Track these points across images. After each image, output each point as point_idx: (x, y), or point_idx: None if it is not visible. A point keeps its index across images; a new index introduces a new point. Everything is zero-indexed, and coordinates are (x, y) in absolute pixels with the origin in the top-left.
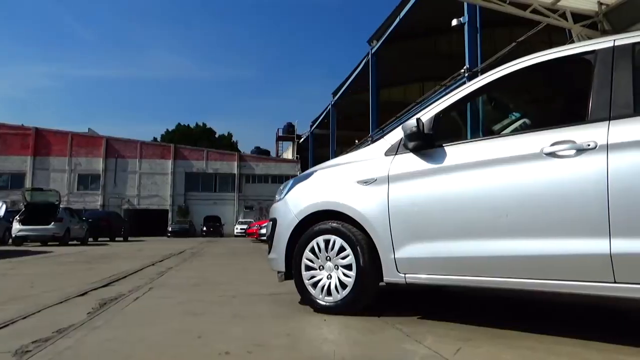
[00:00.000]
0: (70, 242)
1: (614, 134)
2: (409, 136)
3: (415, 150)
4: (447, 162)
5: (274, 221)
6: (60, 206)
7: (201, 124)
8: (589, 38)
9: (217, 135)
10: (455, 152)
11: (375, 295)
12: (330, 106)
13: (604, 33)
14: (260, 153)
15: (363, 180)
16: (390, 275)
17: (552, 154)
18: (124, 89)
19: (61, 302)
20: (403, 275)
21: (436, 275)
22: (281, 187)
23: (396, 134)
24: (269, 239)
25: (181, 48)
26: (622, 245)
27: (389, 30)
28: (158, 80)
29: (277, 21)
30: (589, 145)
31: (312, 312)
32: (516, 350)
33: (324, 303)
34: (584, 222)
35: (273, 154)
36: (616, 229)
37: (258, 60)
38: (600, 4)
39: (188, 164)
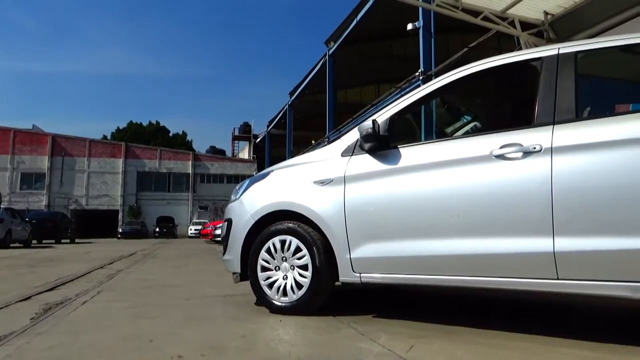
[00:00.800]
0: (12, 245)
1: (558, 138)
2: (365, 137)
3: (371, 151)
4: (402, 163)
5: (230, 221)
6: (1, 206)
7: (154, 122)
8: (536, 46)
9: (171, 134)
10: (409, 154)
11: (330, 295)
12: (287, 106)
13: (549, 41)
14: (216, 152)
15: (319, 180)
16: (345, 275)
17: (501, 156)
18: (72, 85)
19: (1, 308)
20: (358, 274)
21: (390, 274)
22: (237, 187)
23: (352, 135)
24: (224, 240)
25: (136, 44)
26: (565, 243)
27: (346, 32)
28: (109, 76)
29: (235, 19)
30: (534, 148)
31: (268, 313)
32: (468, 346)
33: (279, 304)
34: (530, 222)
35: (229, 153)
36: (559, 228)
37: (215, 58)
38: (546, 14)
39: (140, 163)
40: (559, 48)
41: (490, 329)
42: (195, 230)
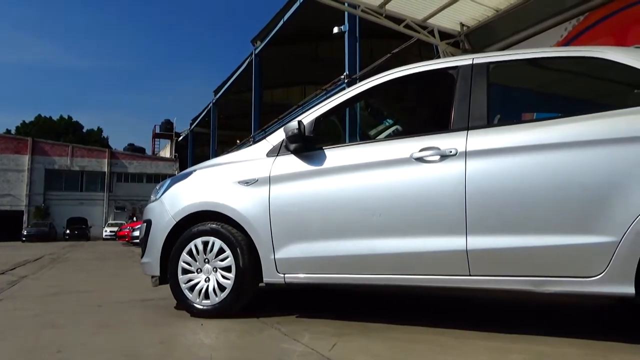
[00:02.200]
0: None
1: (471, 143)
2: (291, 138)
3: (296, 152)
4: (327, 164)
5: (149, 222)
6: None
7: (66, 117)
8: (453, 55)
9: (85, 130)
10: (334, 155)
11: (253, 296)
12: (211, 104)
13: (465, 51)
14: (135, 151)
15: (244, 180)
16: (269, 276)
17: (420, 159)
18: None
19: None
20: (282, 275)
21: (314, 274)
22: (157, 187)
23: (278, 136)
24: (143, 242)
25: (47, 31)
26: (476, 241)
27: (273, 32)
28: (15, 65)
29: (160, 10)
30: (451, 151)
31: (188, 317)
32: (386, 342)
33: (201, 307)
34: (445, 221)
35: (149, 152)
36: (472, 227)
37: (136, 52)
38: (462, 25)
39: (49, 160)
40: (473, 58)
41: (407, 325)
42: (110, 232)
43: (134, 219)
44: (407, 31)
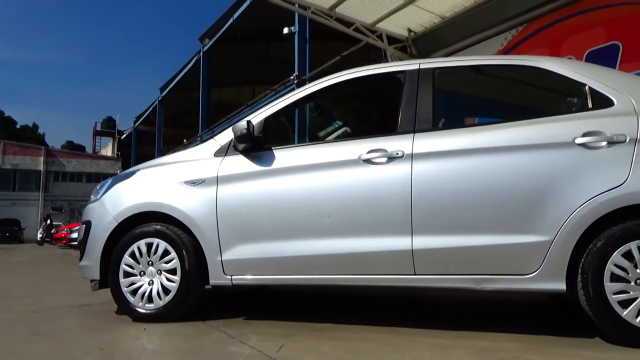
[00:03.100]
0: None
1: (417, 145)
2: (239, 138)
3: (245, 152)
4: (275, 165)
5: (88, 224)
6: None
7: None
8: (401, 59)
9: (18, 126)
10: (283, 156)
11: (199, 299)
12: (157, 102)
13: (412, 56)
14: (74, 149)
15: (191, 180)
16: (216, 278)
17: (368, 161)
18: None
19: None
20: (230, 277)
21: (262, 275)
22: (97, 187)
23: (226, 135)
24: (81, 244)
25: None
26: (421, 241)
27: (222, 30)
28: None
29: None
30: (397, 154)
31: (130, 322)
32: (333, 341)
33: (144, 311)
34: (392, 222)
35: (89, 150)
36: (417, 228)
37: (76, 45)
38: (409, 31)
39: None
40: (419, 63)
41: (355, 324)
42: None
43: (48, 221)
44: (357, 34)
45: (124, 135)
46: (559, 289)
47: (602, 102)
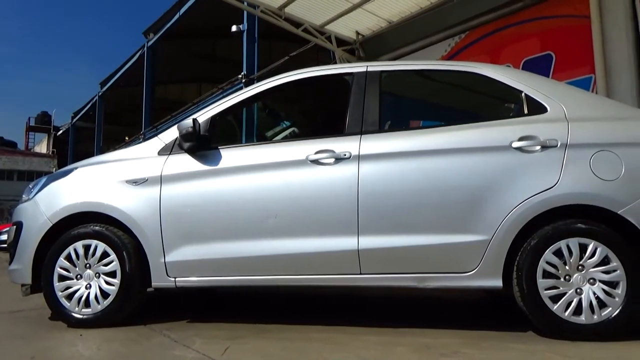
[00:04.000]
0: None
1: (364, 147)
2: (185, 136)
3: (191, 151)
4: (222, 164)
5: (19, 225)
6: None
7: None
8: (349, 61)
9: None
10: (230, 155)
11: (141, 303)
12: (97, 97)
13: (360, 59)
14: (4, 145)
15: (132, 179)
16: (159, 280)
17: (315, 161)
18: None
19: None
20: (173, 279)
21: (208, 277)
22: (30, 186)
23: (171, 134)
24: (11, 247)
25: None
26: (367, 241)
27: (168, 25)
28: None
29: None
30: (345, 155)
31: (65, 328)
32: (280, 342)
33: (80, 316)
34: (339, 222)
35: (21, 146)
36: (363, 228)
37: (6, 34)
38: (358, 34)
39: None
40: (367, 66)
41: (302, 324)
42: None
43: None
44: (306, 35)
45: (61, 132)
46: (496, 285)
47: (536, 108)
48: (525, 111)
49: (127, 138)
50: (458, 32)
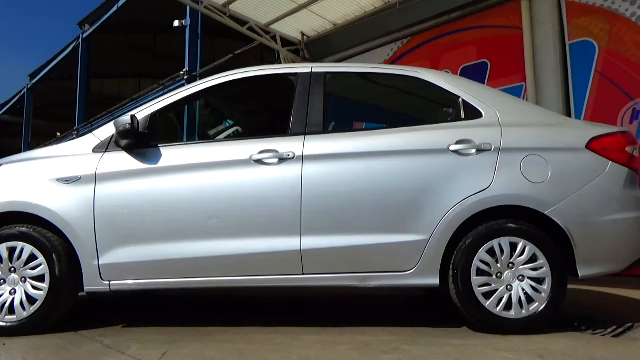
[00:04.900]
0: None
1: (308, 147)
2: (122, 133)
3: (128, 149)
4: (162, 163)
5: None
6: None
7: None
8: (294, 62)
9: None
10: (170, 154)
11: (72, 308)
12: (25, 90)
13: (305, 60)
14: None
15: (64, 178)
16: (92, 284)
17: (259, 161)
18: None
19: None
20: (108, 282)
21: (145, 279)
22: None
23: (107, 130)
24: None
25: None
26: (310, 242)
27: (105, 17)
28: None
29: None
30: (289, 155)
31: None
32: (220, 345)
33: (3, 324)
34: (282, 223)
35: None
36: (306, 228)
37: None
38: (303, 34)
39: None
40: (312, 67)
41: (243, 326)
42: None
43: None
44: (250, 34)
45: None
46: (434, 283)
47: (473, 113)
48: (463, 116)
49: (59, 134)
50: (400, 38)
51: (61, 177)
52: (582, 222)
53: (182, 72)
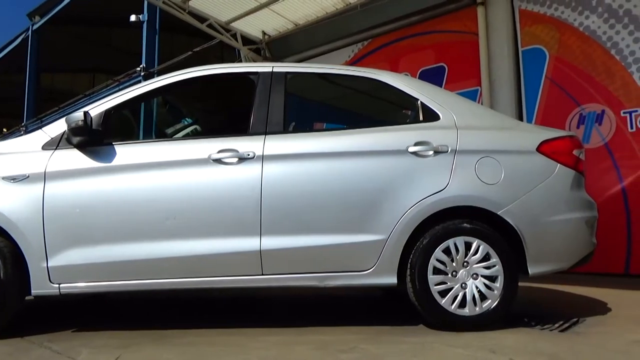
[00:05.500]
0: None
1: (268, 147)
2: (74, 130)
3: (81, 147)
4: (116, 161)
5: None
6: None
7: None
8: (255, 61)
9: None
10: (125, 152)
11: (18, 312)
12: None
13: (266, 59)
14: None
15: (11, 176)
16: (40, 287)
17: (218, 161)
18: None
19: None
20: (57, 285)
21: (99, 282)
22: None
23: (58, 127)
24: None
25: None
26: (269, 242)
27: (57, 9)
28: None
29: None
30: (248, 155)
31: None
32: (178, 347)
33: None
34: (242, 223)
35: None
36: (266, 229)
37: None
38: (264, 34)
39: None
40: (273, 67)
41: (203, 328)
42: None
43: None
44: (210, 31)
45: None
46: (392, 282)
47: (430, 115)
48: (421, 118)
49: (5, 130)
50: (361, 40)
51: (7, 176)
52: (532, 222)
53: (138, 69)
